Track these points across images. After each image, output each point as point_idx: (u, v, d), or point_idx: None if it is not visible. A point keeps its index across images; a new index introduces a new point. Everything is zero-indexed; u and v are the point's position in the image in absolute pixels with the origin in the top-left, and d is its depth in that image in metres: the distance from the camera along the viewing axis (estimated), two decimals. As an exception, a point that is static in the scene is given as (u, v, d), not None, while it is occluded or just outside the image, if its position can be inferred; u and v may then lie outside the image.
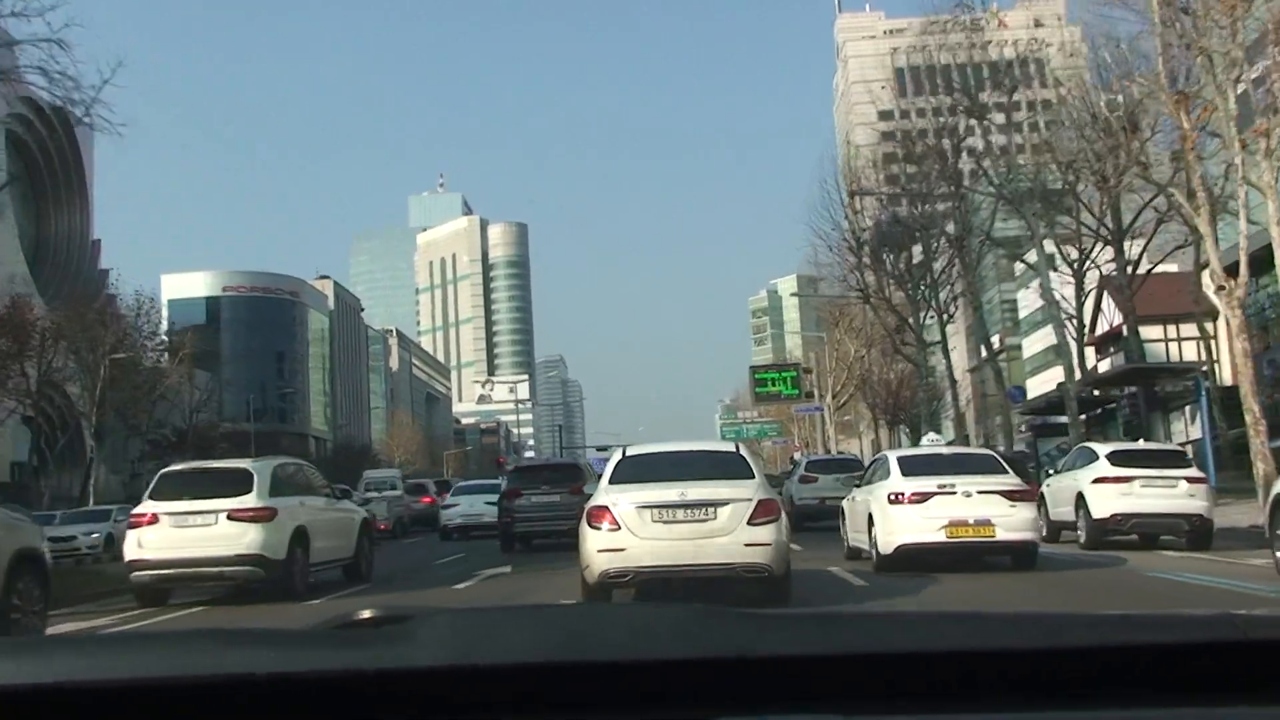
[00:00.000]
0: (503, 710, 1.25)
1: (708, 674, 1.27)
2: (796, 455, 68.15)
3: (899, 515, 13.61)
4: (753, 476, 10.83)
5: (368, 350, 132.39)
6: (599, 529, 10.16)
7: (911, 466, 14.43)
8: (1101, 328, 53.07)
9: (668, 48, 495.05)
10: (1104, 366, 54.68)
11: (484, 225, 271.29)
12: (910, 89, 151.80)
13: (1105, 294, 50.97)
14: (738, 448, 11.80)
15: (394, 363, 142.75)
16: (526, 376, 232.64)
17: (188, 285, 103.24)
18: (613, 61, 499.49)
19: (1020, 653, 1.33)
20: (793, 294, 52.66)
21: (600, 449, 72.65)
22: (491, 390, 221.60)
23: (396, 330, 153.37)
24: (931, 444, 19.60)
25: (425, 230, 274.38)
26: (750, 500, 10.23)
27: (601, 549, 10.12)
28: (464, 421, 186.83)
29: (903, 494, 13.67)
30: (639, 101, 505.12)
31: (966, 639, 1.38)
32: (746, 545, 10.11)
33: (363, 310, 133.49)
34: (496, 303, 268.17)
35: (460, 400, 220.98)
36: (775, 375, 54.94)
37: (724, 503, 10.17)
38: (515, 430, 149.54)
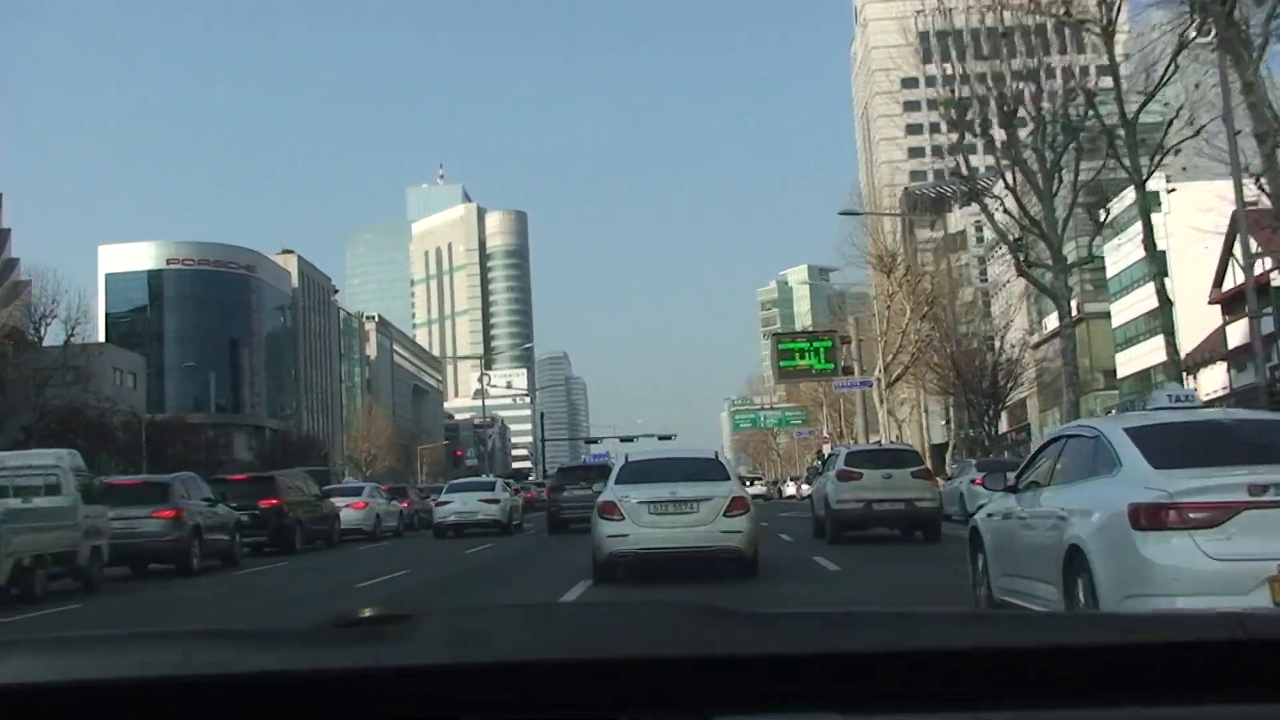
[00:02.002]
0: (504, 708, 1.25)
1: (707, 673, 1.28)
2: (826, 448, 56.04)
3: (1163, 555, 6.39)
4: (729, 478, 13.55)
5: (340, 336, 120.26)
6: (609, 519, 12.82)
7: (1167, 449, 7.10)
8: (1233, 281, 41.22)
9: (672, 36, 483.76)
10: (1235, 332, 42.97)
11: (481, 213, 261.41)
12: (937, 54, 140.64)
13: (1237, 236, 39.39)
14: (716, 455, 14.41)
15: (371, 350, 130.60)
16: (525, 370, 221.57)
17: (129, 258, 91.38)
18: (615, 48, 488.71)
19: (1022, 651, 1.32)
20: (841, 213, 39.78)
21: (589, 441, 65.99)
22: (489, 384, 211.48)
23: (378, 316, 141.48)
24: (1177, 405, 7.96)
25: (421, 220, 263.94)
26: (726, 497, 12.85)
27: (610, 535, 12.78)
28: (458, 417, 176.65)
29: (1164, 508, 6.49)
30: (643, 92, 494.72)
31: (967, 638, 1.38)
32: (723, 532, 12.68)
33: (336, 292, 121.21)
34: (494, 294, 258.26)
35: (457, 395, 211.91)
36: (805, 346, 42.76)
37: (705, 499, 12.77)
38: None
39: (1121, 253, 51.04)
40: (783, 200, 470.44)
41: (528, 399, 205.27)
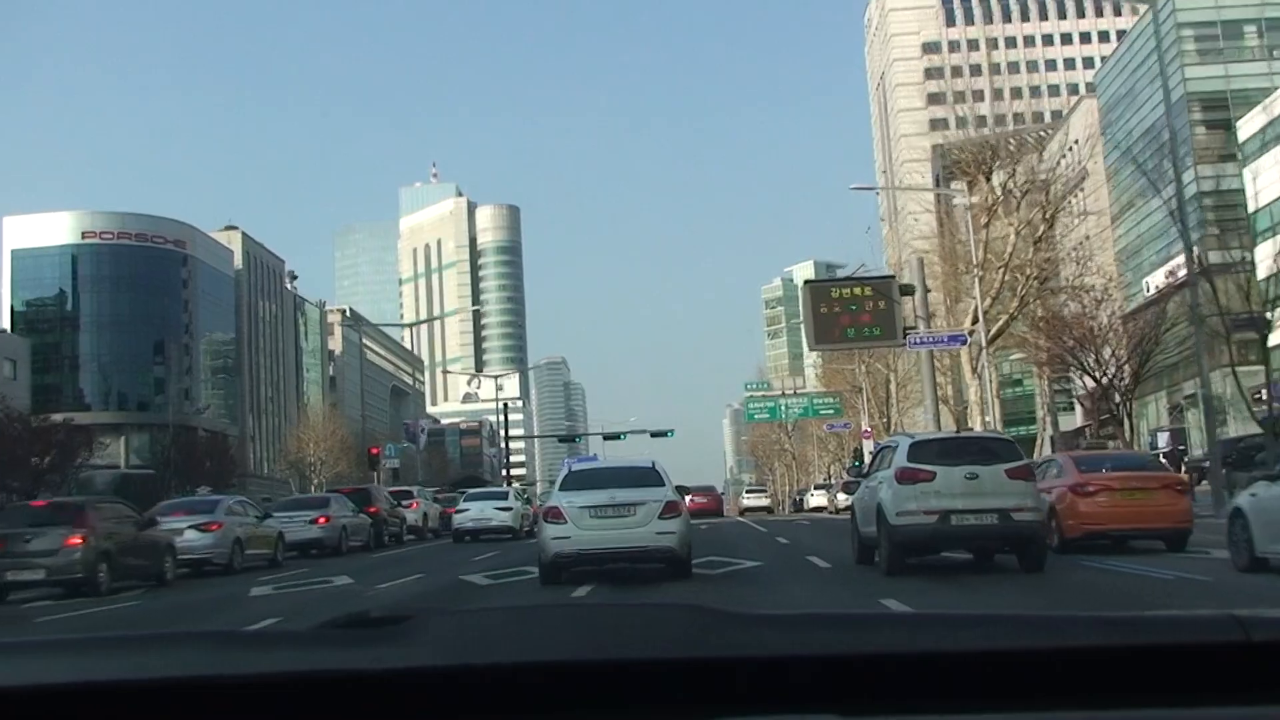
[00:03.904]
0: (503, 710, 1.27)
1: (707, 674, 1.30)
2: (868, 444, 43.34)
3: None
4: (663, 485, 14.54)
5: (297, 326, 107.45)
6: (553, 523, 13.96)
7: None
8: None
9: (671, 26, 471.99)
10: None
11: (472, 208, 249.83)
12: (960, 16, 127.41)
13: None
14: (653, 464, 15.24)
15: (337, 344, 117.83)
16: (517, 373, 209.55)
17: (40, 231, 78.74)
18: (611, 41, 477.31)
19: (1022, 653, 1.35)
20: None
21: (564, 439, 54.49)
22: (478, 388, 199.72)
23: (349, 309, 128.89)
24: None
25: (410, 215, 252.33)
26: (660, 502, 13.95)
27: (555, 537, 13.86)
28: (444, 421, 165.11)
29: None
30: (641, 85, 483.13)
31: (968, 640, 1.39)
32: (657, 534, 13.78)
33: (295, 278, 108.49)
34: (486, 292, 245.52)
35: (446, 399, 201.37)
36: (852, 295, 29.76)
37: (641, 504, 13.88)
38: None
39: (1266, 178, 38.35)
40: (787, 194, 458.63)
41: (521, 403, 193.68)
